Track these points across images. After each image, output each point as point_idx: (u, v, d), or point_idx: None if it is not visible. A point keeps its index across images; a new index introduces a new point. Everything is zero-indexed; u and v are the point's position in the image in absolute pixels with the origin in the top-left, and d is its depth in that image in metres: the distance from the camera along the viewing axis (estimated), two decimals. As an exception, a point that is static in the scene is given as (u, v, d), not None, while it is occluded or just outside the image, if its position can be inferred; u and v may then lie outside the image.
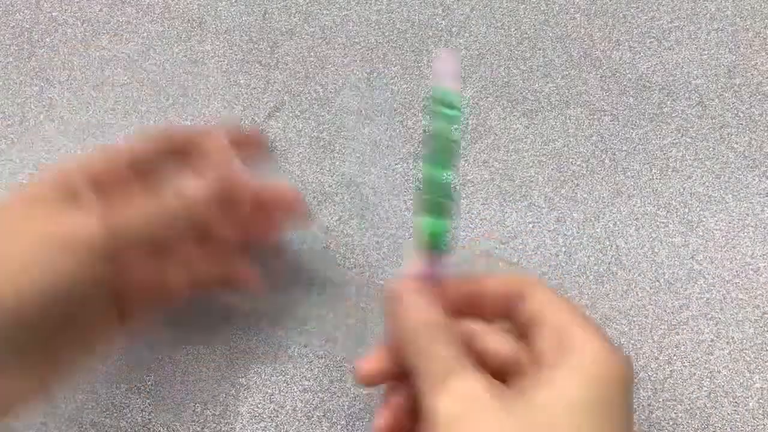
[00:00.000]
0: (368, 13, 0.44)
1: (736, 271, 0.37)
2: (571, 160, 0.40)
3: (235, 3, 0.44)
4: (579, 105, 0.41)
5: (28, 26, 0.44)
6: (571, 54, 0.43)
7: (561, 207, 0.39)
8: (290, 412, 0.35)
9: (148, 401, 0.35)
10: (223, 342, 0.36)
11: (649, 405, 0.35)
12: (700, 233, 0.38)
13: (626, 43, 0.43)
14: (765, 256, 0.38)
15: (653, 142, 0.40)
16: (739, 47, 0.42)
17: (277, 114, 0.42)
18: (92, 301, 0.29)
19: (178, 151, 0.33)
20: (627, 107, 0.41)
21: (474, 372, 0.25)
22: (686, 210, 0.39)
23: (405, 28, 0.44)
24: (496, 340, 0.28)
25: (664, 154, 0.40)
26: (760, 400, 0.35)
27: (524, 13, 0.44)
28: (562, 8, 0.44)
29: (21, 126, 0.42)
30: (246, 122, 0.41)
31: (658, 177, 0.40)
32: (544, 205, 0.39)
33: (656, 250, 0.38)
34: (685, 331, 0.36)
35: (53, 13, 0.45)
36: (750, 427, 0.34)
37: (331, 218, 0.39)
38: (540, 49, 0.43)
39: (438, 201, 0.31)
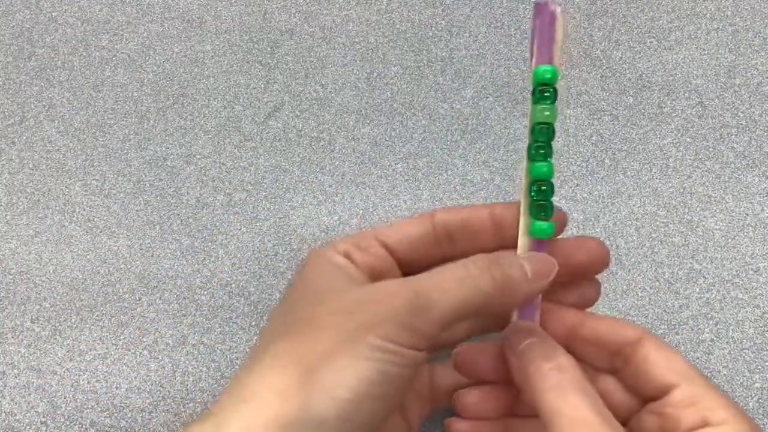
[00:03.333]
0: (368, 13, 0.44)
1: (736, 271, 0.37)
2: (571, 160, 0.40)
3: (235, 3, 0.44)
4: (579, 105, 0.41)
5: (28, 26, 0.44)
6: (571, 54, 0.43)
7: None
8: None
9: (148, 401, 0.35)
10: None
11: (649, 405, 0.35)
12: (700, 233, 0.38)
13: (626, 43, 0.43)
14: (765, 256, 0.38)
15: (653, 142, 0.40)
16: (739, 47, 0.42)
17: (277, 114, 0.42)
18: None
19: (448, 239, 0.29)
20: (627, 107, 0.41)
21: None
22: (686, 210, 0.39)
23: (405, 28, 0.44)
24: (620, 389, 0.28)
25: (664, 154, 0.40)
26: (760, 400, 0.35)
27: (524, 13, 0.44)
28: (562, 8, 0.44)
29: (21, 126, 0.42)
30: (246, 122, 0.41)
31: (658, 177, 0.40)
32: (544, 205, 0.39)
33: (656, 250, 0.38)
34: (685, 331, 0.36)
35: (53, 13, 0.45)
36: (750, 427, 0.34)
37: (331, 218, 0.39)
38: (540, 49, 0.43)
39: (542, 199, 0.28)
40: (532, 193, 0.28)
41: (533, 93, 0.28)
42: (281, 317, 0.27)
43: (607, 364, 0.28)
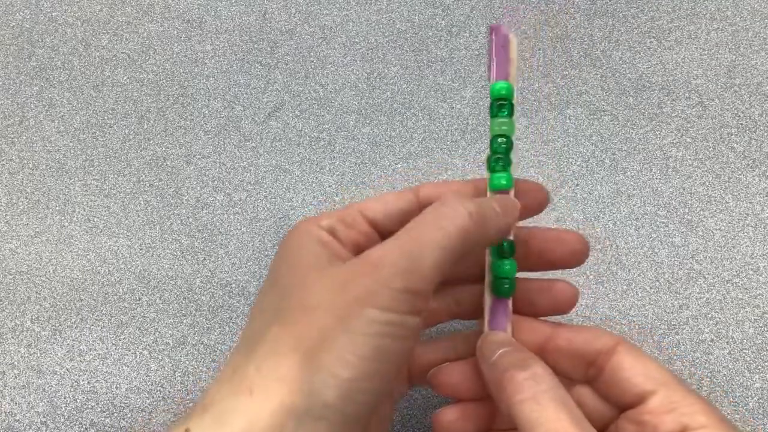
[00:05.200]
0: (368, 13, 0.44)
1: (736, 271, 0.37)
2: (571, 160, 0.40)
3: (235, 3, 0.44)
4: (579, 105, 0.41)
5: (28, 26, 0.44)
6: (571, 54, 0.43)
7: (561, 207, 0.39)
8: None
9: (148, 401, 0.35)
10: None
11: (649, 405, 0.35)
12: (700, 233, 0.38)
13: (626, 43, 0.43)
14: (765, 256, 0.38)
15: (653, 142, 0.40)
16: (739, 47, 0.42)
17: (277, 114, 0.42)
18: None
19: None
20: (627, 107, 0.41)
21: None
22: (686, 210, 0.39)
23: (405, 28, 0.44)
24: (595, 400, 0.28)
25: (664, 154, 0.40)
26: (760, 400, 0.35)
27: (524, 13, 0.44)
28: (562, 8, 0.44)
29: (21, 126, 0.42)
30: (246, 122, 0.41)
31: (658, 177, 0.40)
32: (544, 205, 0.39)
33: (656, 250, 0.38)
34: (685, 331, 0.36)
35: (53, 13, 0.45)
36: (750, 427, 0.34)
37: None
38: (540, 49, 0.43)
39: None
40: None
41: (491, 107, 0.29)
42: (269, 300, 0.26)
43: (581, 374, 0.28)
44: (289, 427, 0.23)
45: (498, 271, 0.28)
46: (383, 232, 0.28)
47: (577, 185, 0.40)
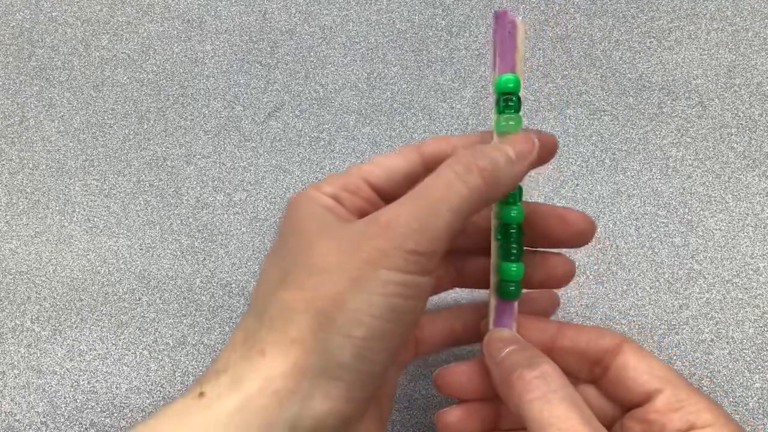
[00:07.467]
0: (368, 13, 0.44)
1: (736, 271, 0.37)
2: (571, 160, 0.40)
3: (235, 3, 0.44)
4: (579, 105, 0.41)
5: (28, 26, 0.44)
6: (571, 54, 0.43)
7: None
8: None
9: (148, 401, 0.35)
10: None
11: (649, 405, 0.35)
12: (700, 233, 0.38)
13: (626, 43, 0.43)
14: (765, 256, 0.38)
15: (653, 142, 0.40)
16: (739, 47, 0.42)
17: (277, 114, 0.42)
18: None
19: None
20: (627, 107, 0.41)
21: None
22: (686, 210, 0.39)
23: (405, 28, 0.44)
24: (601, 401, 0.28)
25: (664, 154, 0.40)
26: (760, 400, 0.35)
27: (524, 13, 0.44)
28: (562, 8, 0.44)
29: (21, 126, 0.42)
30: (246, 122, 0.41)
31: (658, 177, 0.40)
32: (544, 205, 0.39)
33: (656, 250, 0.38)
34: (685, 331, 0.36)
35: (53, 13, 0.45)
36: (750, 427, 0.34)
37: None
38: (540, 49, 0.43)
39: (510, 237, 0.27)
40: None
41: (497, 102, 0.27)
42: (276, 264, 0.26)
43: (586, 373, 0.28)
44: (304, 387, 0.23)
45: (504, 275, 0.28)
46: (387, 197, 0.28)
47: (577, 185, 0.40)
